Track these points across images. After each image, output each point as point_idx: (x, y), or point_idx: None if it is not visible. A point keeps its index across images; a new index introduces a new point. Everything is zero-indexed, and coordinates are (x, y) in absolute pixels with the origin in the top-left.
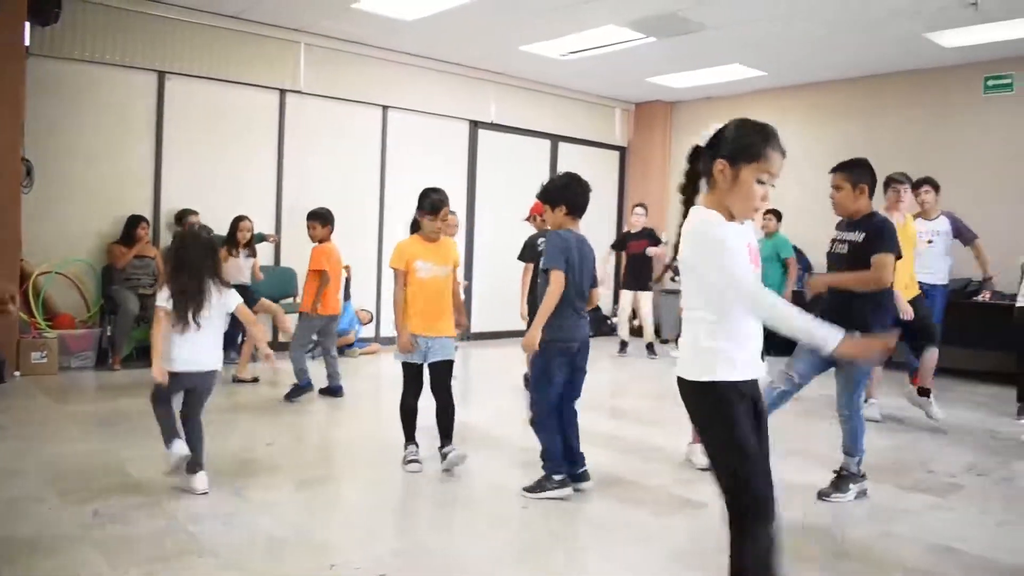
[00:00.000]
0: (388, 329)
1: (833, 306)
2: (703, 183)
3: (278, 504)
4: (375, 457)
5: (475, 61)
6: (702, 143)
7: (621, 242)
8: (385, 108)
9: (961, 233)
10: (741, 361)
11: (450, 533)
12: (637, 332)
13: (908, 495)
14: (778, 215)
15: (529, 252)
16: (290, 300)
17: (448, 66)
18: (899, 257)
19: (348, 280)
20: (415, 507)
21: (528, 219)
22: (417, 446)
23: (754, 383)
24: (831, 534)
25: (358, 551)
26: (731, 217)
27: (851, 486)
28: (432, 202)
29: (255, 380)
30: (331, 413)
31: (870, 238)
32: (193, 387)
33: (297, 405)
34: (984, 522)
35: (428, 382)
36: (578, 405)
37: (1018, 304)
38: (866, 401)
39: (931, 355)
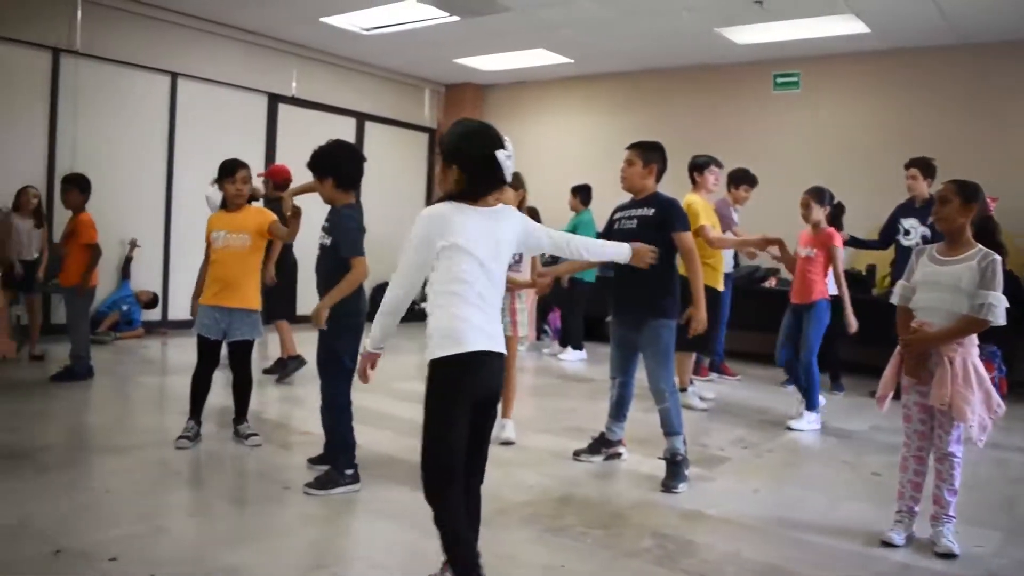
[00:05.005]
0: (175, 312)
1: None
2: None
3: (7, 491)
4: (126, 441)
5: (274, 31)
6: None
7: None
8: (175, 76)
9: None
10: None
11: (192, 517)
12: None
13: None
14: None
15: None
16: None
17: (244, 34)
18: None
19: (129, 258)
20: (162, 491)
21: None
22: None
23: None
24: (590, 503)
25: (89, 536)
26: None
27: (685, 472)
28: (223, 166)
29: None
30: (85, 396)
31: (662, 214)
32: None
33: (53, 388)
34: (740, 490)
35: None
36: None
37: None
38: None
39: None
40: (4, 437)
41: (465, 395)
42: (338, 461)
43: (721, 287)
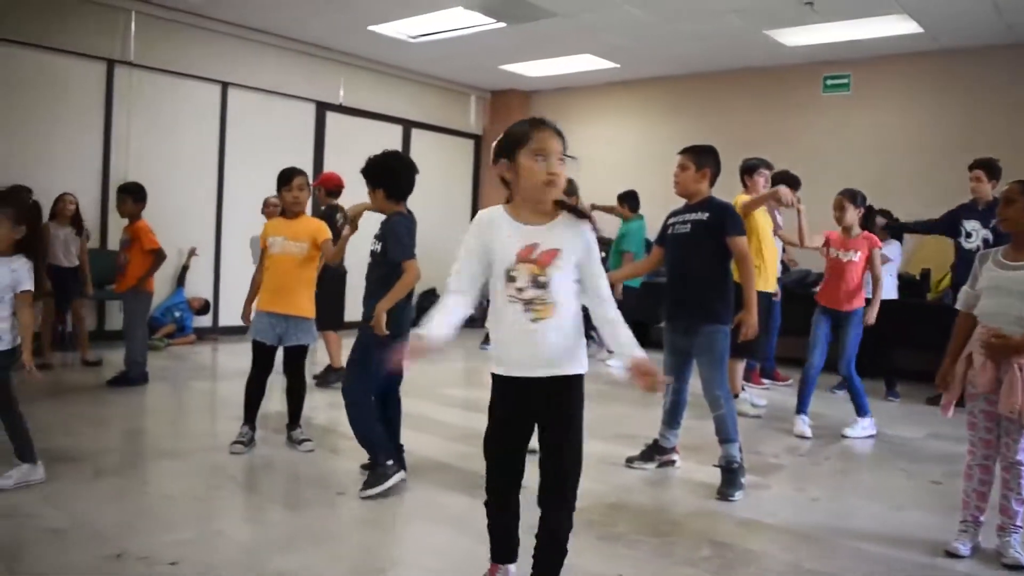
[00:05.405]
0: (226, 318)
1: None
2: None
3: (66, 495)
4: (181, 446)
5: (322, 39)
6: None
7: None
8: (225, 85)
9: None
10: (497, 357)
11: (248, 522)
12: None
13: None
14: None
15: None
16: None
17: (293, 43)
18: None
19: (186, 266)
20: (218, 495)
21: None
22: (252, 429)
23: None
24: (644, 511)
25: (148, 539)
26: (523, 211)
27: (741, 480)
28: (280, 175)
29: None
30: (141, 401)
31: (716, 218)
32: None
33: (109, 393)
34: (797, 498)
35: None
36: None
37: None
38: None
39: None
40: (63, 441)
41: None
42: (376, 456)
43: (774, 290)
